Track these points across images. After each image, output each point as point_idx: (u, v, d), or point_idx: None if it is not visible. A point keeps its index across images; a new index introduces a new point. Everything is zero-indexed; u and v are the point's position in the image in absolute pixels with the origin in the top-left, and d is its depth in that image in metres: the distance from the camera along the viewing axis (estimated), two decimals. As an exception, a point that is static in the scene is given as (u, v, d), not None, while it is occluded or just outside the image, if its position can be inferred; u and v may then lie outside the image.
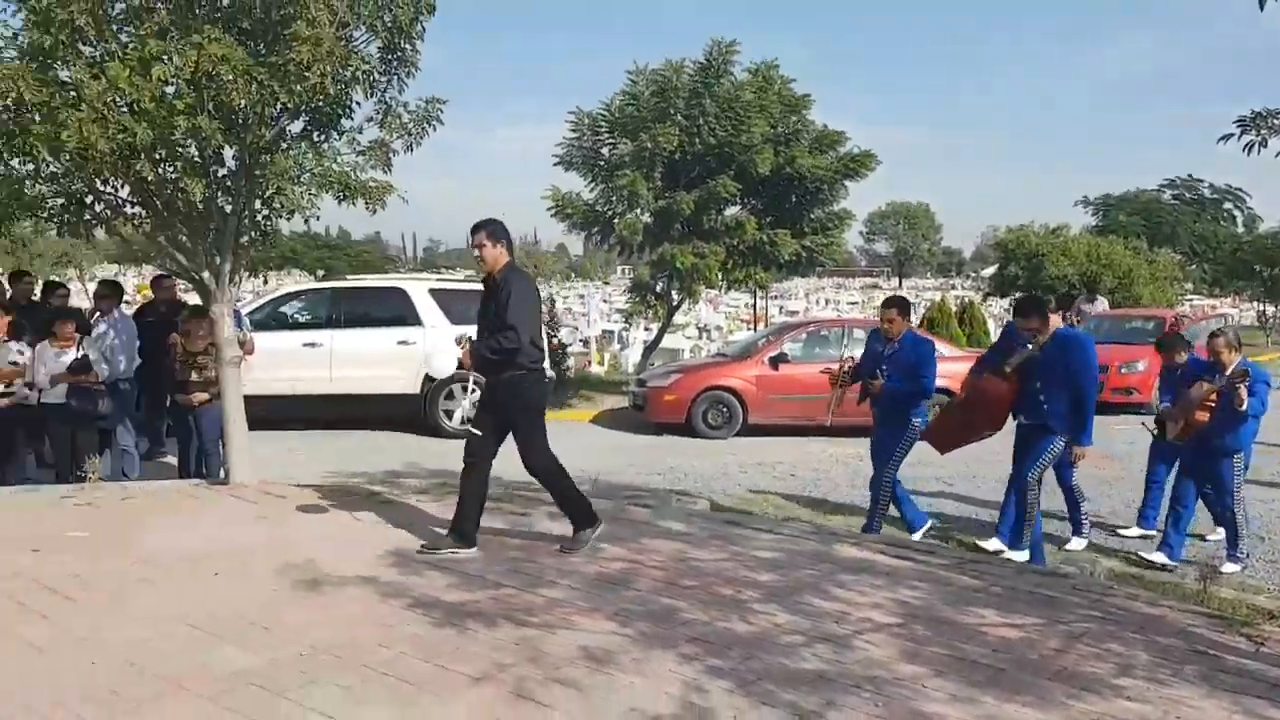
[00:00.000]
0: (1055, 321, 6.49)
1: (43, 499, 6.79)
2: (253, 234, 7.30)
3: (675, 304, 16.32)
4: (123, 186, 6.81)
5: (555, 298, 27.31)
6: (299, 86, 6.21)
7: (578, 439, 12.18)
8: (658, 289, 15.72)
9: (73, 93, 6.02)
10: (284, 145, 6.88)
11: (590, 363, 20.44)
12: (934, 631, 4.37)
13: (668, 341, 18.27)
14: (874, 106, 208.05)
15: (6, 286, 9.45)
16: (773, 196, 15.16)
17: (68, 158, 6.19)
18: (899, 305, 7.13)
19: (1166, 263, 27.76)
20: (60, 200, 6.77)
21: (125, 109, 6.04)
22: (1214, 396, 6.64)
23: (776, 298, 42.02)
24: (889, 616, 4.58)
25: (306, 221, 7.23)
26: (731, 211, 15.09)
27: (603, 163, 15.10)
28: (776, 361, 12.36)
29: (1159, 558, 6.64)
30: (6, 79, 5.79)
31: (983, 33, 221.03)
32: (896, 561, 5.58)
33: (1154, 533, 7.21)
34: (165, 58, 5.99)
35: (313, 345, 11.49)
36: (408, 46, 6.91)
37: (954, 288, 63.90)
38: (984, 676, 3.84)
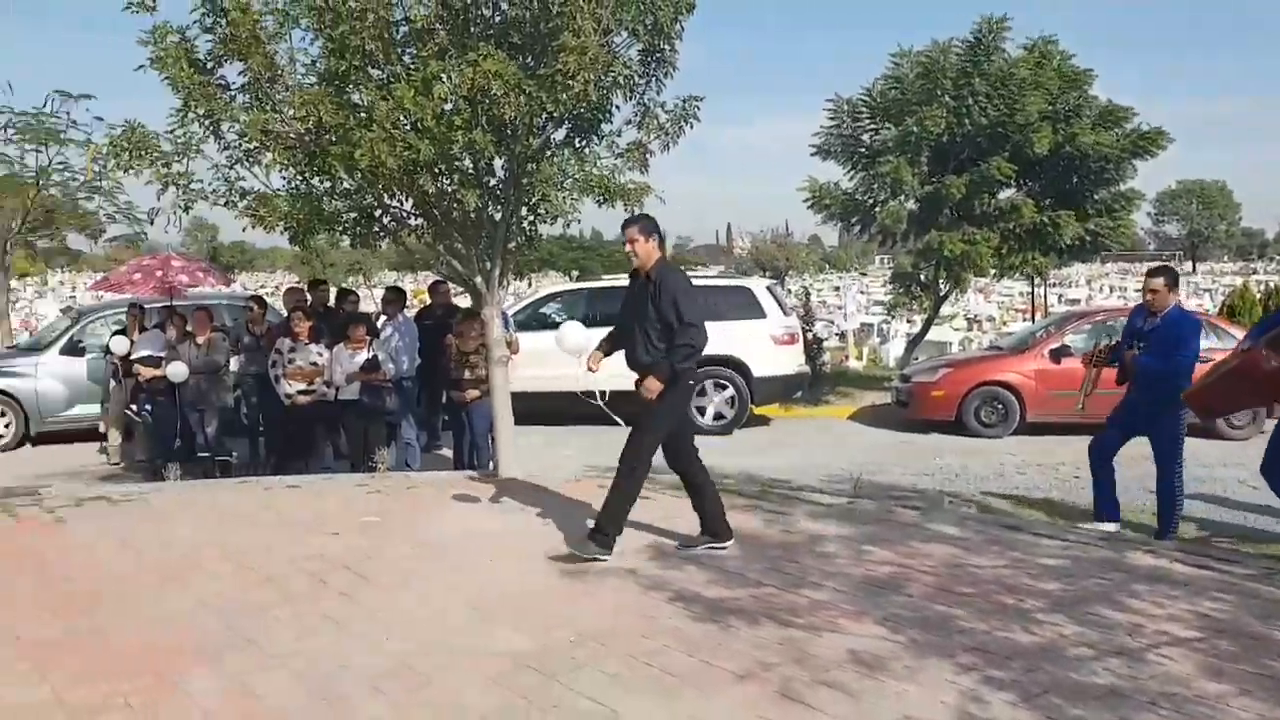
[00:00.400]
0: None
1: (340, 486, 7.44)
2: (519, 239, 7.65)
3: (942, 294, 15.58)
4: (406, 200, 7.33)
5: (809, 290, 26.81)
6: (564, 95, 6.41)
7: (835, 435, 11.93)
8: (922, 279, 15.08)
9: (364, 114, 6.54)
10: (548, 153, 7.15)
11: (847, 357, 19.93)
12: (1239, 647, 3.92)
13: (933, 334, 17.46)
14: (1160, 76, 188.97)
15: (307, 294, 10.42)
16: (1051, 178, 14.15)
17: (360, 175, 6.72)
18: (1165, 275, 6.45)
19: None
20: (353, 214, 7.39)
21: (410, 127, 6.47)
22: None
23: (1055, 285, 39.22)
24: (1188, 630, 4.15)
25: (566, 225, 7.49)
26: (1006, 194, 14.21)
27: (863, 149, 14.65)
28: (1058, 355, 11.39)
29: None
30: (308, 103, 6.37)
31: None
32: (1195, 570, 5.03)
33: None
34: (444, 76, 6.37)
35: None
36: (666, 47, 6.98)
37: (1255, 272, 57.21)
38: (1300, 698, 3.38)
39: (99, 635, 4.23)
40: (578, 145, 7.32)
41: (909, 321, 21.28)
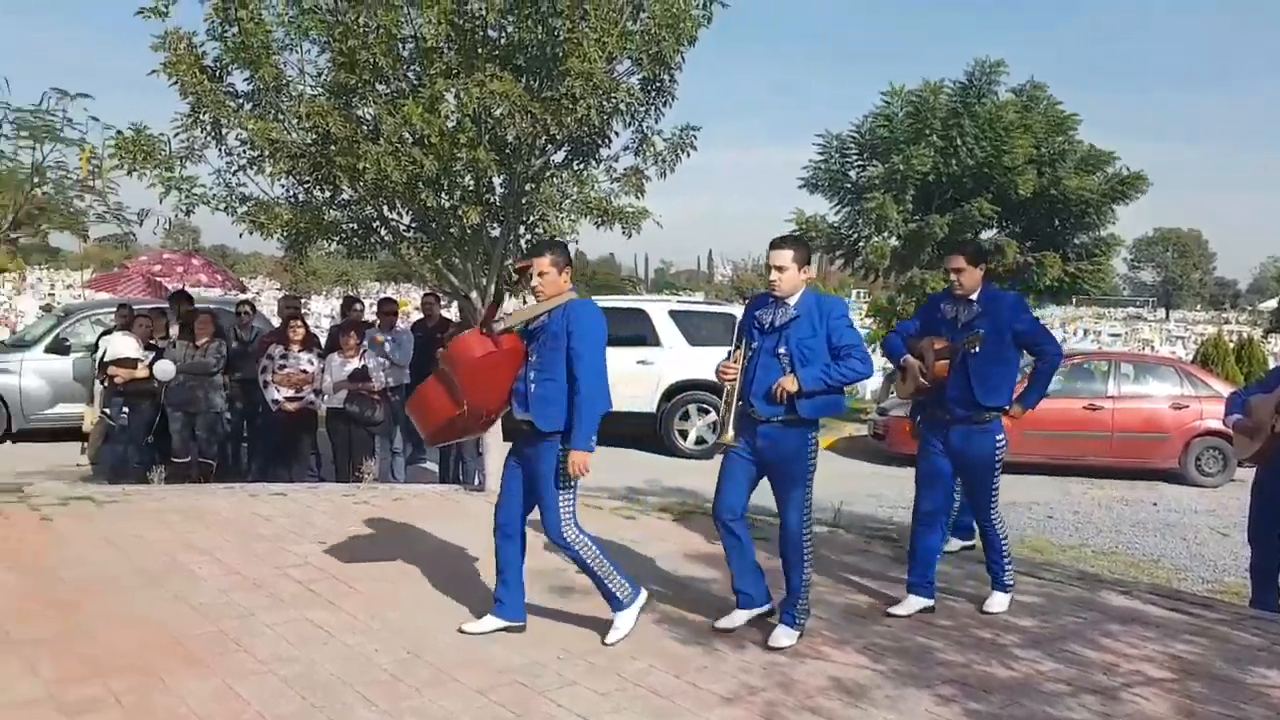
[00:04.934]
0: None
1: (326, 496, 7.44)
2: (516, 257, 7.73)
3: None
4: (406, 213, 7.41)
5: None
6: (568, 119, 6.53)
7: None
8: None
9: (370, 128, 6.62)
10: (548, 174, 7.26)
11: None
12: (1211, 689, 4.05)
13: (912, 371, 17.66)
14: (1139, 121, 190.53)
15: (302, 303, 10.38)
16: (1033, 220, 14.45)
17: (364, 186, 6.79)
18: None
19: None
20: (352, 225, 7.45)
21: (414, 143, 6.56)
22: None
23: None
24: (1161, 670, 4.27)
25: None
26: (988, 235, 14.50)
27: (850, 185, 14.90)
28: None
29: None
30: (317, 115, 6.45)
31: (1258, 38, 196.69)
32: (1168, 613, 5.15)
33: None
34: (451, 95, 6.47)
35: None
36: (666, 77, 7.12)
37: (1228, 321, 58.09)
38: (1271, 743, 3.50)
39: (88, 634, 4.25)
40: (576, 168, 7.43)
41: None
